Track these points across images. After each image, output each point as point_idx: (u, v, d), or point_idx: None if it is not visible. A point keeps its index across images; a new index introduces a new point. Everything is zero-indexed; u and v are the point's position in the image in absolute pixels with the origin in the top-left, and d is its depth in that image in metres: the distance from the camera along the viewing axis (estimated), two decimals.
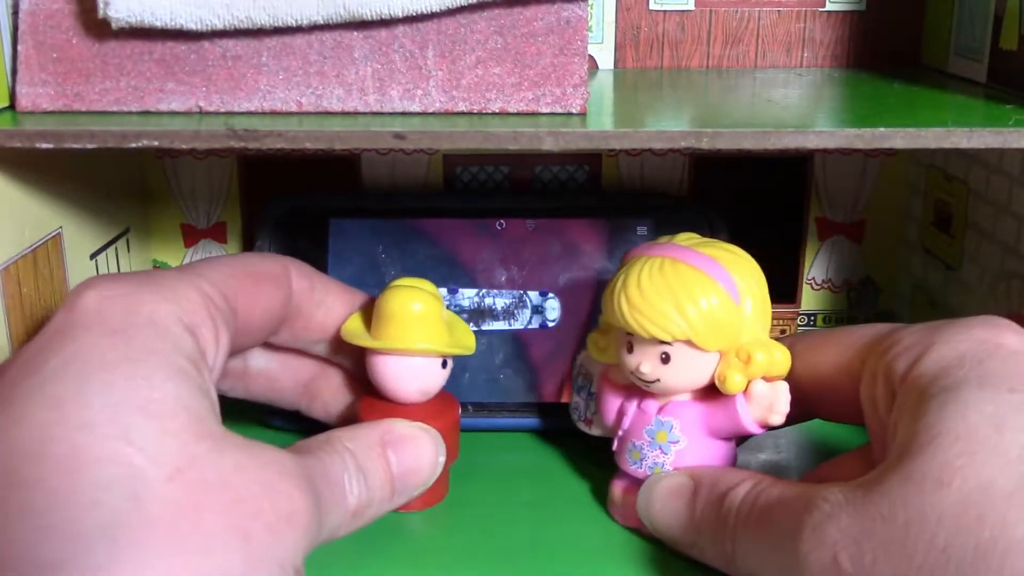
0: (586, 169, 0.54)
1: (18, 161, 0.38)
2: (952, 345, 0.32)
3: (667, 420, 0.39)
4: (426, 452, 0.37)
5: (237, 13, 0.36)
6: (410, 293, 0.38)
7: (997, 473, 0.27)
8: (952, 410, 0.29)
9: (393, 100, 0.37)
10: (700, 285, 0.36)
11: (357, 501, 0.33)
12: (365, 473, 0.33)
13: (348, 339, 0.39)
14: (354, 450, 0.34)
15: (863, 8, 0.52)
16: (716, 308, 0.36)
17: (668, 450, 0.38)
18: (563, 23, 0.37)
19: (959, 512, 0.27)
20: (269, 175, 0.54)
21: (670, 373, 0.37)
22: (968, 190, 0.49)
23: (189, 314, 0.31)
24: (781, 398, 0.37)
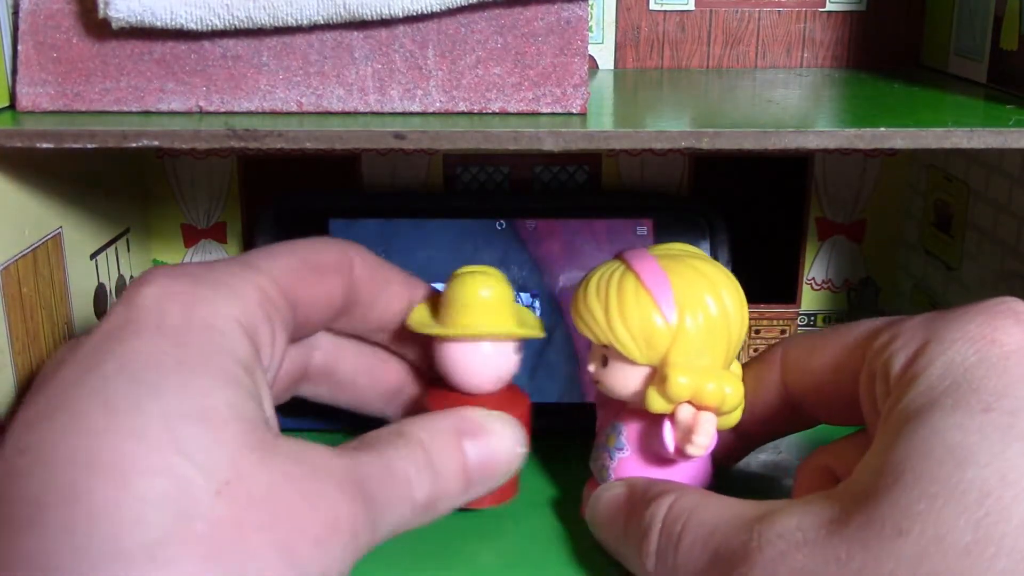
0: (586, 169, 0.54)
1: (18, 161, 0.38)
2: (944, 346, 0.30)
3: (619, 425, 0.38)
4: (506, 442, 0.35)
5: (237, 13, 0.36)
6: (479, 279, 0.38)
7: (954, 521, 0.26)
8: (920, 442, 0.28)
9: (393, 100, 0.37)
10: (634, 297, 0.36)
11: (426, 495, 0.32)
12: (436, 464, 0.32)
13: (416, 329, 0.38)
14: (426, 440, 0.33)
15: (863, 8, 0.52)
16: (641, 322, 0.36)
17: (614, 456, 0.38)
18: (563, 23, 0.37)
19: (914, 565, 0.26)
20: (269, 175, 0.54)
21: (607, 376, 0.37)
22: (968, 190, 0.49)
23: (247, 315, 0.31)
24: (701, 429, 0.35)
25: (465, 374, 0.38)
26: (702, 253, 0.39)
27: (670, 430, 0.36)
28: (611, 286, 0.36)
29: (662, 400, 0.36)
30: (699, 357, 0.36)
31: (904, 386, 0.31)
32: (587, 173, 0.54)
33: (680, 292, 0.36)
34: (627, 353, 0.36)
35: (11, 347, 0.38)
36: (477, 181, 0.54)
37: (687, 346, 0.36)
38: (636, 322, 0.36)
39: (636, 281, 0.36)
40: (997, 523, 0.26)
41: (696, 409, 0.36)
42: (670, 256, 0.37)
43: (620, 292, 0.36)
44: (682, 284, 0.36)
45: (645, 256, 0.37)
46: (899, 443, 0.29)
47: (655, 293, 0.36)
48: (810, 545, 0.28)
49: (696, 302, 0.36)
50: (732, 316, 0.36)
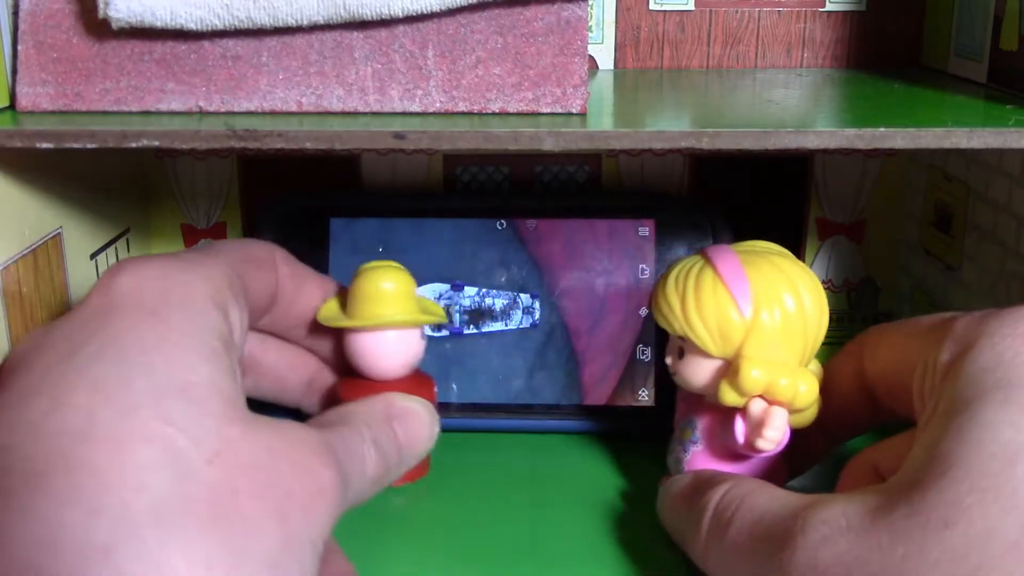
0: (586, 169, 0.54)
1: (18, 161, 0.38)
2: (994, 341, 0.31)
3: (694, 419, 0.39)
4: (424, 422, 0.37)
5: (237, 13, 0.36)
6: (382, 271, 0.40)
7: (1004, 516, 0.26)
8: (970, 436, 0.28)
9: (393, 100, 0.37)
10: (711, 290, 0.37)
11: (375, 469, 0.34)
12: (380, 443, 0.34)
13: (326, 322, 0.40)
14: (368, 423, 0.34)
15: (863, 8, 0.52)
16: (718, 315, 0.37)
17: (688, 449, 0.39)
18: (563, 23, 0.37)
19: (958, 558, 0.26)
20: (269, 175, 0.54)
21: (683, 367, 0.39)
22: (968, 190, 0.49)
23: (219, 294, 0.32)
24: (771, 423, 0.36)
25: (373, 362, 0.40)
26: (786, 251, 0.39)
27: (741, 423, 0.37)
28: (689, 279, 0.38)
29: (734, 393, 0.36)
30: (774, 352, 0.37)
31: (952, 379, 0.31)
32: (587, 173, 0.54)
33: (758, 287, 0.37)
34: (702, 345, 0.37)
35: (11, 347, 0.38)
36: (477, 181, 0.54)
37: (762, 340, 0.36)
38: (711, 314, 0.37)
39: (714, 274, 0.37)
40: None
41: (768, 404, 0.36)
42: (752, 252, 0.38)
43: (698, 285, 0.37)
44: (760, 279, 0.37)
45: (726, 251, 0.38)
46: (947, 436, 0.29)
47: (732, 286, 0.37)
48: (854, 531, 0.29)
49: (773, 297, 0.37)
50: (810, 314, 0.37)
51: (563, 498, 0.43)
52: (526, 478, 0.44)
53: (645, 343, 0.48)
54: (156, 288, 0.31)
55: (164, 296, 0.31)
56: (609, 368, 0.48)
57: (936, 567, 0.27)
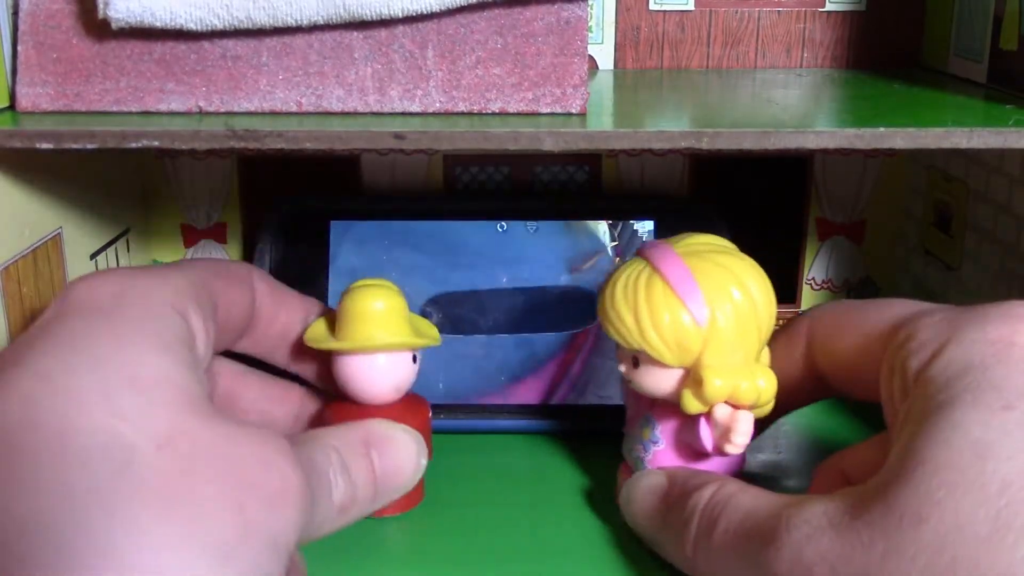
0: (586, 170, 0.54)
1: (18, 161, 0.38)
2: (963, 347, 0.31)
3: (652, 418, 0.39)
4: (408, 453, 0.36)
5: (237, 13, 0.36)
6: (372, 291, 0.38)
7: (975, 510, 0.27)
8: (939, 435, 0.29)
9: (393, 100, 0.37)
10: (663, 302, 0.36)
11: (342, 497, 0.32)
12: (350, 471, 0.33)
13: (313, 345, 0.39)
14: (339, 447, 0.33)
15: (863, 8, 0.52)
16: (673, 327, 0.36)
17: (648, 448, 0.39)
18: (563, 23, 0.37)
19: (934, 553, 0.27)
20: (269, 175, 0.54)
21: (639, 377, 0.38)
22: (968, 190, 0.49)
23: (178, 299, 0.32)
24: (738, 428, 0.36)
25: (363, 386, 0.39)
26: (722, 243, 0.38)
27: (707, 429, 0.37)
28: (639, 291, 0.36)
29: (698, 402, 0.36)
30: (732, 355, 0.36)
31: (923, 384, 0.31)
32: (587, 173, 0.54)
33: (709, 292, 0.36)
34: (659, 357, 0.36)
35: None
36: (477, 181, 0.54)
37: (720, 346, 0.36)
38: (667, 327, 0.36)
39: (663, 284, 0.36)
40: (1018, 513, 0.26)
41: (732, 408, 0.36)
42: (693, 253, 0.37)
43: (649, 297, 0.36)
44: (709, 283, 0.36)
45: (669, 255, 0.37)
46: (918, 436, 0.29)
47: (684, 296, 0.36)
48: (835, 529, 0.29)
49: (724, 299, 0.36)
50: (760, 305, 0.36)
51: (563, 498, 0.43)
52: (525, 478, 0.44)
53: None
54: (111, 292, 0.30)
55: (119, 299, 0.30)
56: (610, 367, 0.48)
57: (914, 562, 0.27)
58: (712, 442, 0.37)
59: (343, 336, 0.38)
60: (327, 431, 0.34)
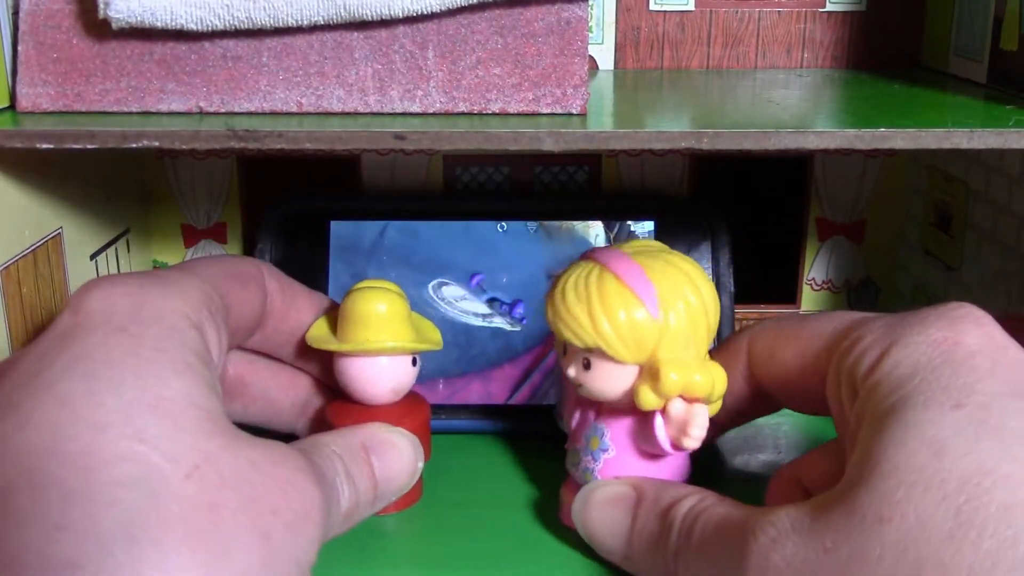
0: (586, 170, 0.54)
1: (18, 161, 0.38)
2: (909, 349, 0.31)
3: (600, 426, 0.38)
4: (406, 456, 0.36)
5: (237, 13, 0.36)
6: (374, 293, 0.38)
7: (935, 507, 0.27)
8: (893, 435, 0.29)
9: (393, 100, 0.37)
10: (618, 297, 0.35)
11: (348, 504, 0.33)
12: (352, 477, 0.33)
13: (315, 344, 0.39)
14: (341, 454, 0.33)
15: (863, 8, 0.52)
16: (629, 322, 0.35)
17: (598, 457, 0.38)
18: (563, 24, 0.37)
19: (899, 553, 0.27)
20: (269, 175, 0.54)
21: (591, 379, 0.37)
22: (968, 190, 0.49)
23: (194, 312, 0.31)
24: (695, 421, 0.35)
25: (363, 387, 0.39)
26: (663, 245, 0.38)
27: (663, 426, 0.36)
28: (591, 287, 0.36)
29: (654, 397, 0.36)
30: (686, 350, 0.36)
31: (871, 388, 0.31)
32: (587, 174, 0.54)
33: (661, 288, 0.36)
34: (615, 354, 0.36)
35: (11, 347, 0.38)
36: (477, 182, 0.54)
37: (674, 341, 0.36)
38: (623, 321, 0.35)
39: (616, 280, 0.36)
40: (978, 508, 0.26)
41: (687, 402, 0.36)
42: (640, 252, 0.37)
43: (602, 293, 0.36)
44: (661, 280, 0.36)
45: (619, 255, 0.37)
46: (873, 439, 0.29)
47: (638, 290, 0.35)
48: (797, 533, 0.29)
49: (677, 296, 0.36)
50: (709, 305, 0.37)
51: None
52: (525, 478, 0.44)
53: None
54: (127, 305, 0.30)
55: (135, 313, 0.30)
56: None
57: (880, 563, 0.27)
58: (668, 439, 0.36)
59: (344, 338, 0.39)
60: (329, 436, 0.34)
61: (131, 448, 0.26)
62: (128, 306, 0.30)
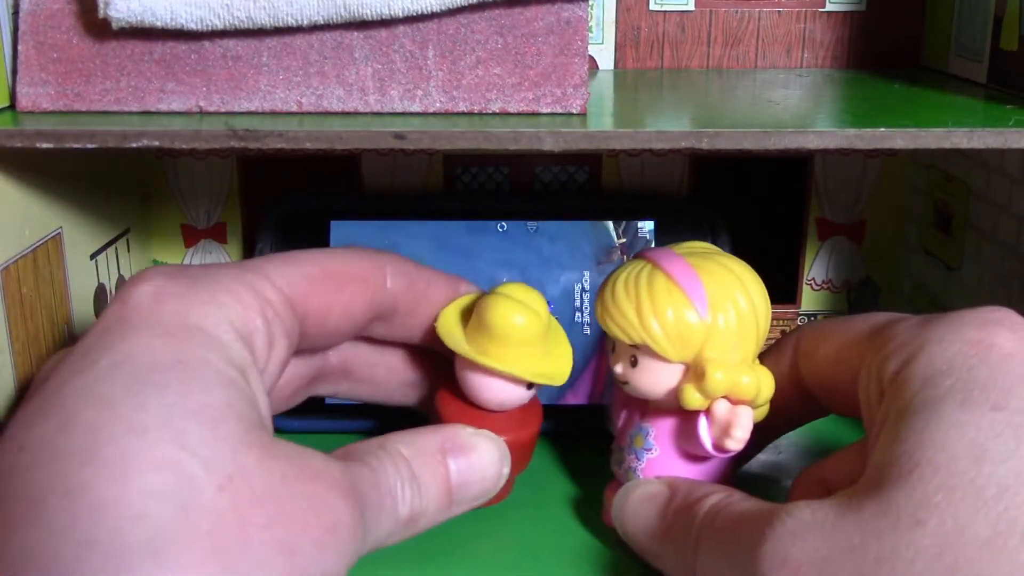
0: (586, 170, 0.54)
1: (18, 161, 0.38)
2: (943, 347, 0.31)
3: (645, 426, 0.38)
4: (489, 463, 0.35)
5: (237, 13, 0.36)
6: (513, 308, 0.37)
7: (974, 514, 0.27)
8: (933, 435, 0.28)
9: (393, 100, 0.37)
10: (667, 296, 0.36)
11: (410, 510, 0.32)
12: (420, 481, 0.32)
13: (441, 335, 0.38)
14: (410, 457, 0.33)
15: (863, 8, 0.52)
16: (677, 320, 0.35)
17: (642, 456, 0.38)
18: (563, 23, 0.37)
19: (933, 557, 0.26)
20: (269, 175, 0.54)
21: (637, 376, 0.37)
22: (968, 190, 0.49)
23: (242, 319, 0.31)
24: (739, 423, 0.35)
25: (474, 394, 0.38)
26: (721, 250, 0.39)
27: (706, 427, 0.36)
28: (640, 285, 0.36)
29: (698, 397, 0.36)
30: (732, 352, 0.36)
31: (902, 383, 0.31)
32: (587, 174, 0.54)
33: (711, 289, 0.36)
34: (661, 351, 0.36)
35: (11, 347, 0.38)
36: (477, 182, 0.54)
37: (721, 342, 0.36)
38: (670, 319, 0.36)
39: (667, 279, 0.36)
40: (1017, 518, 0.26)
41: (731, 404, 0.36)
42: (695, 254, 0.37)
43: (651, 290, 0.36)
44: (712, 281, 0.36)
45: (671, 254, 0.37)
46: (910, 435, 0.29)
47: (688, 290, 0.36)
48: (822, 528, 0.29)
49: (727, 298, 0.36)
50: (760, 311, 0.37)
51: (563, 498, 0.43)
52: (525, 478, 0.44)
53: None
54: (173, 307, 0.30)
55: (180, 316, 0.29)
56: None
57: (912, 566, 0.27)
58: (712, 440, 0.36)
59: (471, 340, 0.37)
60: (402, 438, 0.34)
61: (170, 454, 0.26)
62: (175, 309, 0.30)
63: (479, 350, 0.37)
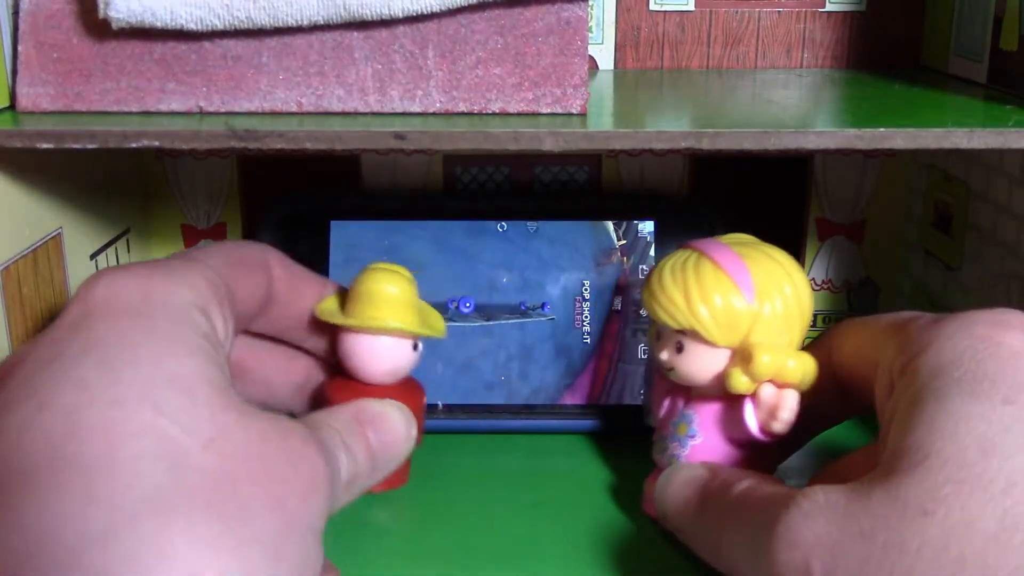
0: (586, 170, 0.54)
1: (18, 161, 0.38)
2: (953, 341, 0.31)
3: (689, 413, 0.39)
4: (399, 427, 0.36)
5: (237, 13, 0.36)
6: (385, 274, 0.39)
7: (981, 508, 0.27)
8: (943, 426, 0.29)
9: (393, 100, 0.37)
10: (715, 281, 0.37)
11: (348, 474, 0.33)
12: (350, 448, 0.34)
13: (322, 317, 0.40)
14: (339, 428, 0.34)
15: (863, 8, 0.52)
16: (725, 306, 0.37)
17: (685, 444, 0.39)
18: (563, 23, 0.37)
19: (940, 548, 0.27)
20: (269, 175, 0.54)
21: (683, 362, 0.38)
22: (968, 190, 0.49)
23: (200, 298, 0.32)
24: (785, 405, 0.36)
25: (363, 365, 0.40)
26: (759, 240, 0.40)
27: (753, 410, 0.37)
28: (688, 272, 0.38)
29: (745, 380, 0.37)
30: (779, 337, 0.37)
31: (912, 374, 0.31)
32: (587, 174, 0.54)
33: (757, 276, 0.37)
34: (709, 336, 0.37)
35: (11, 347, 0.38)
36: (477, 182, 0.54)
37: (767, 327, 0.37)
38: (718, 305, 0.37)
39: (714, 265, 0.37)
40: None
41: (777, 388, 0.37)
42: (740, 243, 0.39)
43: (699, 277, 0.37)
44: (758, 268, 0.37)
45: (717, 244, 0.38)
46: (919, 425, 0.29)
47: (735, 276, 0.37)
48: (832, 510, 0.29)
49: (773, 285, 0.37)
50: (804, 299, 0.38)
51: (562, 498, 0.43)
52: (523, 479, 0.44)
53: (646, 343, 0.48)
54: (134, 292, 0.30)
55: (143, 299, 0.30)
56: (610, 368, 0.48)
57: (918, 556, 0.27)
58: (758, 423, 0.37)
59: (351, 313, 0.39)
60: (325, 413, 0.35)
61: (150, 421, 0.27)
62: (136, 293, 0.30)
63: (361, 320, 0.39)
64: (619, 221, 0.49)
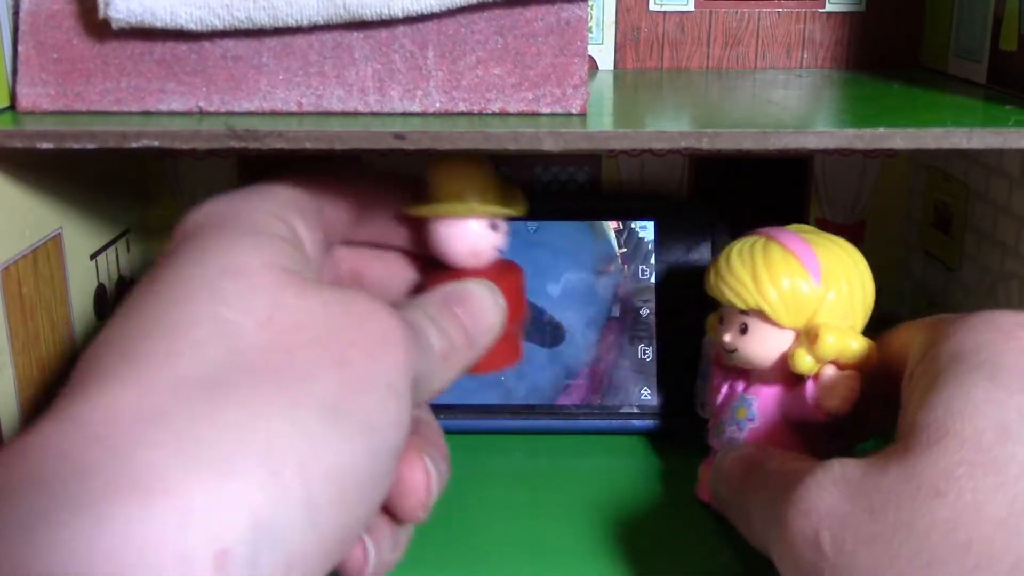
0: (586, 170, 0.54)
1: (18, 161, 0.38)
2: (974, 333, 0.31)
3: (749, 398, 0.40)
4: (484, 299, 0.36)
5: (237, 13, 0.36)
6: (445, 163, 0.39)
7: (992, 492, 0.27)
8: (962, 408, 0.29)
9: (393, 100, 0.37)
10: (783, 263, 0.38)
11: (441, 344, 0.33)
12: (438, 322, 0.34)
13: (407, 212, 0.39)
14: (423, 306, 0.34)
15: (863, 9, 0.52)
16: (792, 286, 0.38)
17: (744, 427, 0.40)
18: (563, 24, 0.37)
19: (948, 531, 0.27)
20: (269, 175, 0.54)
21: (747, 343, 0.39)
22: (968, 191, 0.49)
23: (284, 210, 0.33)
24: (846, 383, 0.37)
25: (446, 250, 0.39)
26: (832, 235, 0.40)
27: (813, 389, 0.38)
28: (756, 254, 0.39)
29: (809, 360, 0.38)
30: (843, 321, 0.38)
31: (932, 359, 0.31)
32: (587, 174, 0.54)
33: (824, 261, 0.38)
34: (775, 316, 0.38)
35: (11, 347, 0.38)
36: None
37: (832, 311, 0.38)
38: (786, 286, 0.38)
39: (783, 249, 0.38)
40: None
41: (839, 369, 0.38)
42: (807, 231, 0.40)
43: (767, 259, 0.38)
44: (825, 254, 0.38)
45: (785, 230, 0.40)
46: (937, 404, 0.29)
47: (803, 259, 0.38)
48: (847, 484, 0.29)
49: (839, 270, 0.38)
50: (867, 285, 0.39)
51: (562, 498, 0.43)
52: (523, 479, 0.44)
53: (646, 343, 0.48)
54: (221, 211, 0.32)
55: (223, 215, 0.32)
56: (611, 368, 0.48)
57: (926, 538, 0.27)
58: (818, 401, 0.38)
59: (427, 203, 0.39)
60: (412, 298, 0.35)
61: (207, 309, 0.28)
62: (221, 212, 0.32)
63: (432, 208, 0.38)
64: (619, 224, 0.49)
